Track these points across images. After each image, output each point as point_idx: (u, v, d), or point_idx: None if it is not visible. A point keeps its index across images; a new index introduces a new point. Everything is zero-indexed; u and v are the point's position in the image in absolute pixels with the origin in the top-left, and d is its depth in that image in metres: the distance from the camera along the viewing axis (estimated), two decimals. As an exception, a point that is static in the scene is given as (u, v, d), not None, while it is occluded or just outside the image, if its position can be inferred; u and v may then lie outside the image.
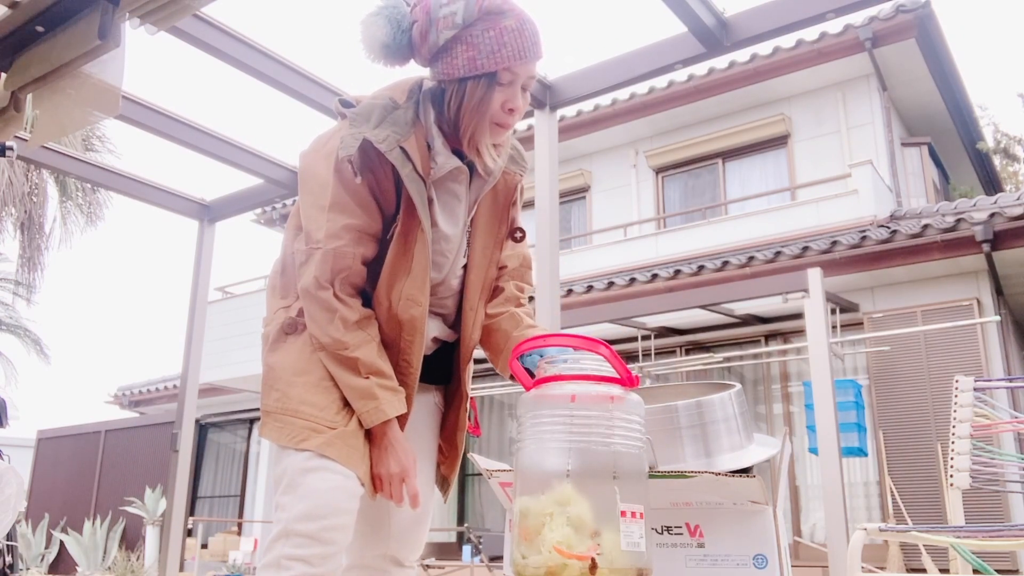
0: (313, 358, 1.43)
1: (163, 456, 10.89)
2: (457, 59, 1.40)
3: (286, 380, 1.43)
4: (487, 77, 1.40)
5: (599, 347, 1.27)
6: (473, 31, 1.39)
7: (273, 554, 1.34)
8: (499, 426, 9.73)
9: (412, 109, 1.47)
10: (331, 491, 1.34)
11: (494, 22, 1.39)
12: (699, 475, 1.37)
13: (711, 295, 6.21)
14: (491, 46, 1.38)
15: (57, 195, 14.41)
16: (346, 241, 1.42)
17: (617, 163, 10.49)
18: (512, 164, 1.61)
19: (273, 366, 1.47)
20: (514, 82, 1.43)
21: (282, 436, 1.39)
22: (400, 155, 1.40)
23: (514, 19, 1.40)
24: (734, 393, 1.63)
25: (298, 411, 1.39)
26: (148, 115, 3.25)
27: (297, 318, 1.47)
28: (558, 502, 1.18)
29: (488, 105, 1.41)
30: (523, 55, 1.40)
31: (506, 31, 1.39)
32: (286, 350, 1.46)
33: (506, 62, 1.39)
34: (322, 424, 1.37)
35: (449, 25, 1.40)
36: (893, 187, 8.65)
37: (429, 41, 1.42)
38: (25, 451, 13.93)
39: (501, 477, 1.62)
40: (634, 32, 54.49)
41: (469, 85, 1.41)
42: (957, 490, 2.43)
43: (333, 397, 1.40)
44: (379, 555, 1.55)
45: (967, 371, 5.42)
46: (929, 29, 8.37)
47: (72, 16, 2.07)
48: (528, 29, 1.41)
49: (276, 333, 1.49)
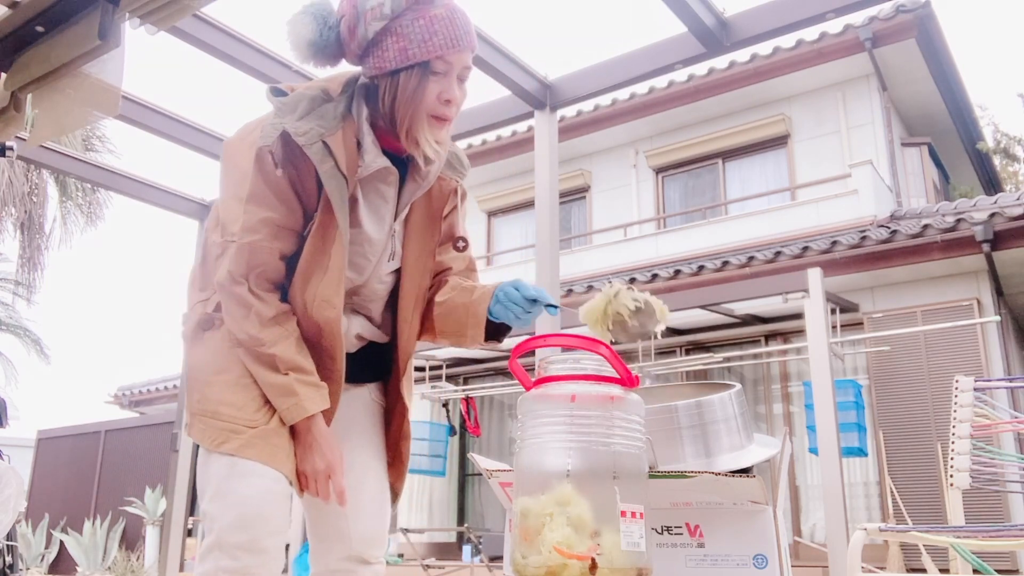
0: (231, 355, 1.40)
1: (163, 456, 10.88)
2: (388, 51, 1.36)
3: (204, 380, 1.40)
4: (420, 67, 1.36)
5: (599, 347, 1.27)
6: (402, 21, 1.35)
7: (208, 566, 1.31)
8: (499, 426, 9.72)
9: (344, 103, 1.42)
10: (260, 497, 1.31)
11: (423, 11, 1.36)
12: (699, 475, 1.37)
13: (711, 295, 6.21)
14: (422, 35, 1.35)
15: (57, 195, 14.42)
16: (263, 235, 1.38)
17: (617, 163, 10.49)
18: (449, 169, 1.55)
19: (192, 365, 1.44)
20: (449, 72, 1.38)
21: (204, 438, 1.37)
22: (321, 150, 1.36)
23: (444, 8, 1.37)
24: (734, 393, 1.63)
25: (217, 412, 1.36)
26: (148, 115, 3.25)
27: (213, 313, 1.44)
28: (558, 502, 1.18)
29: (423, 95, 1.37)
30: (455, 43, 1.36)
31: (436, 19, 1.36)
32: (203, 348, 1.43)
33: (438, 50, 1.35)
34: (241, 424, 1.34)
35: (377, 16, 1.36)
36: (893, 187, 8.64)
37: (358, 35, 1.38)
38: (25, 451, 13.92)
39: (501, 477, 1.62)
40: (634, 32, 54.47)
41: (402, 76, 1.36)
42: (957, 490, 2.43)
43: (252, 395, 1.37)
44: (344, 557, 1.51)
45: (967, 371, 5.41)
46: (929, 29, 8.37)
47: (72, 16, 2.07)
48: (459, 18, 1.38)
49: (193, 330, 1.46)
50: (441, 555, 8.74)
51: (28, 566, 10.84)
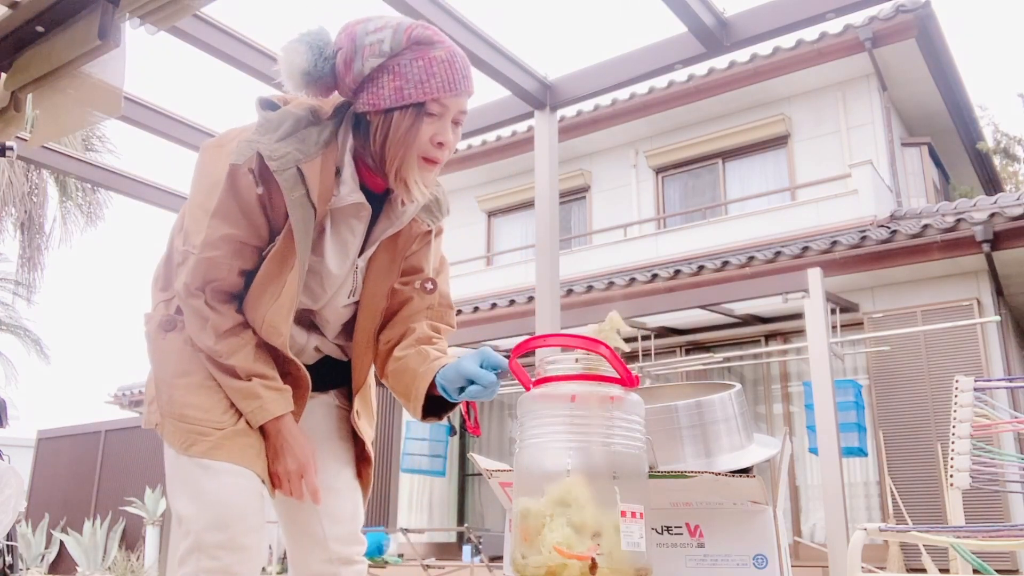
0: (194, 357, 1.40)
1: (163, 456, 10.87)
2: (383, 89, 1.33)
3: (168, 382, 1.40)
4: (415, 107, 1.33)
5: (599, 347, 1.27)
6: (401, 60, 1.33)
7: (188, 568, 1.31)
8: (499, 426, 9.72)
9: (331, 128, 1.39)
10: (234, 496, 1.32)
11: (423, 52, 1.33)
12: (699, 475, 1.37)
13: (711, 295, 6.22)
14: (419, 76, 1.32)
15: (57, 195, 14.43)
16: (223, 252, 1.36)
17: (617, 163, 10.49)
18: (425, 213, 1.51)
19: (156, 366, 1.44)
20: (444, 115, 1.35)
21: (174, 440, 1.37)
22: (293, 176, 1.32)
23: (444, 51, 1.35)
24: (734, 393, 1.63)
25: (183, 415, 1.37)
26: (148, 115, 3.25)
27: (175, 315, 1.43)
28: (558, 502, 1.18)
29: (415, 137, 1.34)
30: (453, 86, 1.34)
31: (435, 61, 1.33)
32: (166, 349, 1.43)
33: (435, 92, 1.32)
34: (208, 426, 1.35)
35: (375, 53, 1.33)
36: (893, 187, 8.65)
37: (354, 70, 1.34)
38: (25, 451, 13.92)
39: (501, 477, 1.62)
40: (634, 32, 54.48)
41: (396, 116, 1.33)
42: (957, 490, 2.43)
43: (218, 397, 1.38)
44: (324, 560, 1.51)
45: (967, 371, 5.41)
46: (929, 29, 8.37)
47: (72, 16, 2.07)
48: (459, 62, 1.36)
49: (155, 331, 1.45)
50: (441, 555, 8.74)
51: (28, 566, 10.84)
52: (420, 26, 1.36)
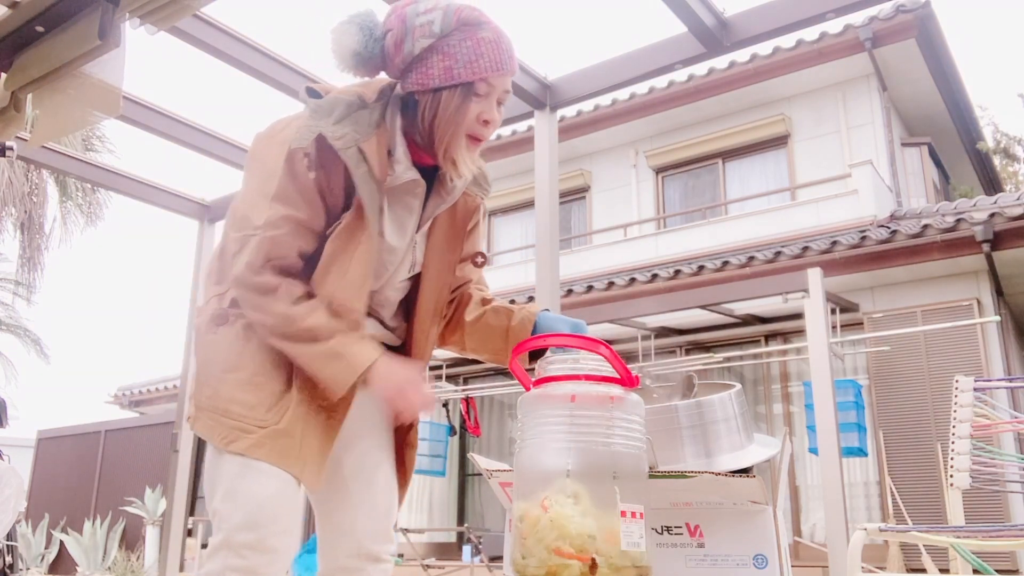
0: (245, 352, 1.39)
1: (163, 456, 10.88)
2: (432, 68, 1.38)
3: (217, 376, 1.39)
4: (463, 87, 1.38)
5: (599, 347, 1.27)
6: (450, 41, 1.37)
7: (215, 564, 1.31)
8: (499, 426, 9.72)
9: (379, 111, 1.42)
10: (269, 498, 1.32)
11: (471, 33, 1.38)
12: (699, 475, 1.37)
13: (711, 295, 6.21)
14: (468, 56, 1.37)
15: (57, 195, 14.42)
16: (285, 231, 1.36)
17: (617, 163, 10.49)
18: (474, 186, 1.57)
19: (204, 360, 1.43)
20: (490, 94, 1.40)
21: (213, 435, 1.37)
22: (356, 155, 1.36)
23: (491, 31, 1.40)
24: (734, 393, 1.63)
25: (228, 410, 1.36)
26: (148, 115, 3.25)
27: (228, 309, 1.42)
28: (558, 502, 1.18)
29: (464, 115, 1.39)
30: (500, 66, 1.39)
31: (483, 42, 1.38)
32: (217, 343, 1.42)
33: (483, 72, 1.37)
34: (251, 423, 1.34)
35: (425, 34, 1.37)
36: (893, 187, 8.64)
37: (403, 50, 1.39)
38: (25, 451, 13.92)
39: (501, 477, 1.62)
40: (634, 32, 54.52)
41: (444, 95, 1.38)
42: (957, 490, 2.43)
43: (264, 394, 1.36)
44: (352, 554, 1.51)
45: (967, 371, 5.41)
46: (929, 29, 8.37)
47: (72, 16, 2.07)
48: (504, 43, 1.41)
49: (207, 324, 1.44)
50: (441, 555, 8.74)
51: (28, 566, 10.84)
52: (468, 8, 1.40)
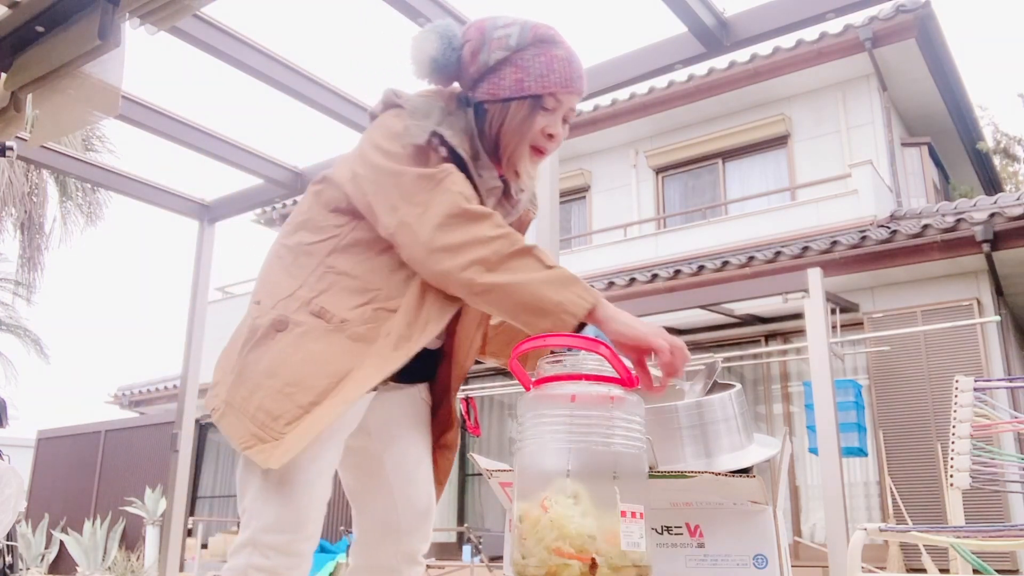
0: (288, 362, 1.38)
1: (163, 456, 10.88)
2: (504, 80, 1.43)
3: (255, 381, 1.39)
4: (532, 99, 1.43)
5: (599, 347, 1.27)
6: (524, 55, 1.43)
7: (240, 560, 1.33)
8: (499, 426, 9.72)
9: (464, 118, 1.46)
10: (300, 504, 1.34)
11: (545, 49, 1.44)
12: (699, 475, 1.37)
13: (711, 295, 6.21)
14: (540, 70, 1.42)
15: (57, 195, 14.42)
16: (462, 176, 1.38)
17: (617, 163, 10.49)
18: (529, 204, 1.62)
19: (250, 363, 1.42)
20: (557, 110, 1.45)
21: (234, 435, 1.37)
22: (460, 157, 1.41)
23: (564, 50, 1.46)
24: (734, 393, 1.63)
25: (254, 416, 1.36)
26: (148, 115, 3.25)
27: (291, 315, 1.41)
28: (558, 503, 1.18)
29: (530, 127, 1.44)
30: (570, 84, 1.44)
31: (556, 59, 1.44)
32: (267, 348, 1.41)
33: (553, 87, 1.43)
34: (269, 434, 1.34)
35: (502, 46, 1.43)
36: (893, 187, 8.65)
37: (479, 60, 1.45)
38: (25, 451, 13.93)
39: (501, 477, 1.62)
40: (634, 32, 54.51)
41: (513, 106, 1.43)
42: (957, 490, 2.44)
43: (290, 406, 1.35)
44: (393, 553, 1.53)
45: (967, 371, 5.41)
46: (929, 29, 8.37)
47: (72, 16, 2.07)
48: (576, 63, 1.46)
49: (266, 329, 1.42)
50: (441, 555, 8.74)
51: (28, 566, 10.84)
52: (545, 26, 1.47)
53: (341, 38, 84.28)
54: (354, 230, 1.45)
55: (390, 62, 12.28)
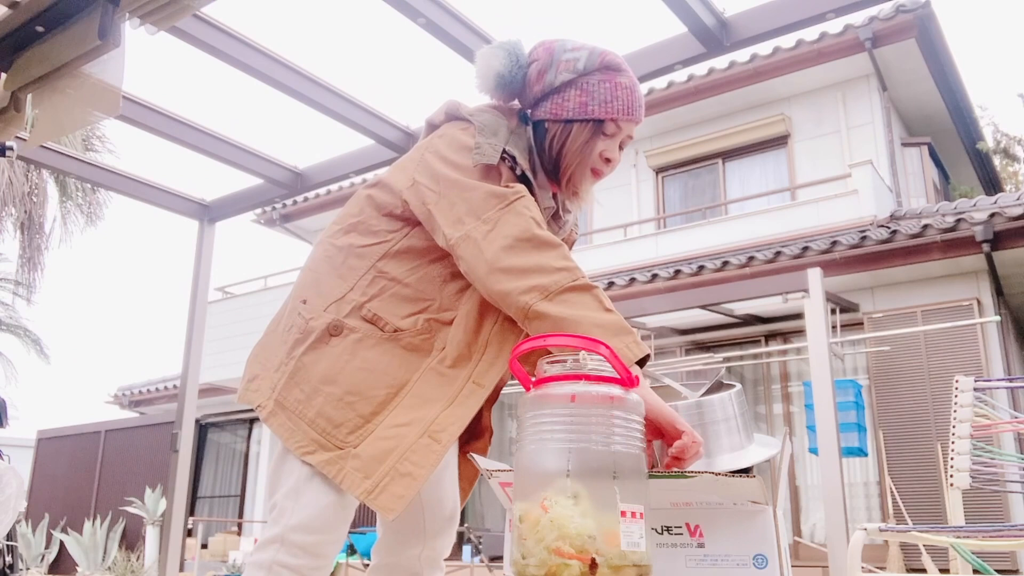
0: (347, 368, 1.37)
1: (163, 456, 10.89)
2: (569, 101, 1.45)
3: (313, 386, 1.38)
4: (595, 123, 1.45)
5: (599, 347, 1.27)
6: (590, 79, 1.45)
7: (266, 555, 1.33)
8: (499, 426, 9.73)
9: (525, 137, 1.48)
10: (331, 506, 1.34)
11: (611, 76, 1.46)
12: (699, 475, 1.37)
13: (711, 295, 6.21)
14: (605, 96, 1.45)
15: (57, 195, 14.43)
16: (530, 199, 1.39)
17: (617, 163, 10.48)
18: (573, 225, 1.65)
19: (306, 365, 1.40)
20: (616, 136, 1.48)
21: (290, 438, 1.36)
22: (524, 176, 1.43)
23: (628, 79, 1.48)
24: (734, 393, 1.63)
25: (314, 421, 1.35)
26: (148, 115, 3.25)
27: (345, 319, 1.40)
28: (558, 503, 1.18)
29: (591, 149, 1.46)
30: (632, 112, 1.47)
31: (620, 87, 1.46)
32: (323, 353, 1.40)
33: (615, 113, 1.45)
34: (331, 442, 1.34)
35: (569, 69, 1.45)
36: (893, 187, 8.65)
37: (545, 80, 1.46)
38: (25, 451, 13.93)
39: (501, 477, 1.62)
40: (634, 32, 54.54)
41: (576, 128, 1.45)
42: (957, 490, 2.44)
43: (351, 415, 1.35)
44: (415, 555, 1.54)
45: (967, 371, 5.41)
46: (929, 29, 8.37)
47: (72, 16, 2.07)
48: (638, 92, 1.49)
49: (321, 332, 1.41)
50: (441, 555, 8.73)
51: (28, 566, 10.84)
52: (613, 54, 1.49)
53: (341, 38, 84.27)
54: (407, 236, 1.45)
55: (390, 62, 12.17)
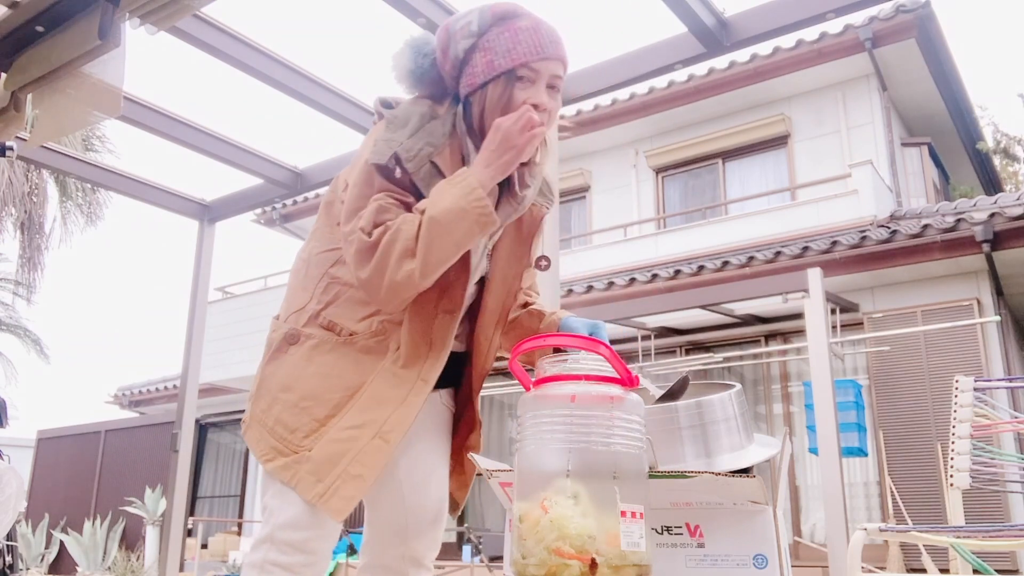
0: (302, 375, 1.41)
1: (163, 456, 10.88)
2: (477, 67, 1.41)
3: (272, 395, 1.43)
4: (506, 75, 1.39)
5: (599, 347, 1.27)
6: (489, 36, 1.40)
7: (258, 555, 1.36)
8: (499, 426, 9.72)
9: (450, 120, 1.44)
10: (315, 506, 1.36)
11: (508, 24, 1.41)
12: (699, 475, 1.37)
13: (711, 295, 6.21)
14: (506, 45, 1.39)
15: (57, 195, 14.43)
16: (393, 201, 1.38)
17: (617, 163, 10.48)
18: (539, 196, 1.58)
19: (267, 376, 1.46)
20: (536, 80, 1.41)
21: (256, 447, 1.41)
22: (428, 171, 1.38)
23: (528, 20, 1.42)
24: (734, 393, 1.63)
25: (272, 429, 1.40)
26: (148, 115, 3.25)
27: (303, 328, 1.45)
28: (558, 503, 1.18)
29: (509, 104, 1.39)
30: (540, 50, 1.39)
31: (521, 30, 1.40)
32: (281, 362, 1.45)
33: (522, 57, 1.38)
34: (288, 447, 1.37)
35: (466, 34, 1.41)
36: (893, 187, 8.65)
37: (451, 56, 1.43)
38: (25, 451, 13.93)
39: (501, 477, 1.62)
40: (634, 32, 54.53)
41: (490, 87, 1.40)
42: (957, 490, 2.44)
43: (306, 419, 1.38)
44: (399, 555, 1.54)
45: (967, 371, 5.41)
46: (929, 29, 8.37)
47: (72, 16, 2.07)
48: (544, 29, 1.42)
49: (279, 342, 1.47)
50: (441, 555, 8.72)
51: (28, 566, 10.84)
52: (503, 3, 1.44)
53: (341, 38, 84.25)
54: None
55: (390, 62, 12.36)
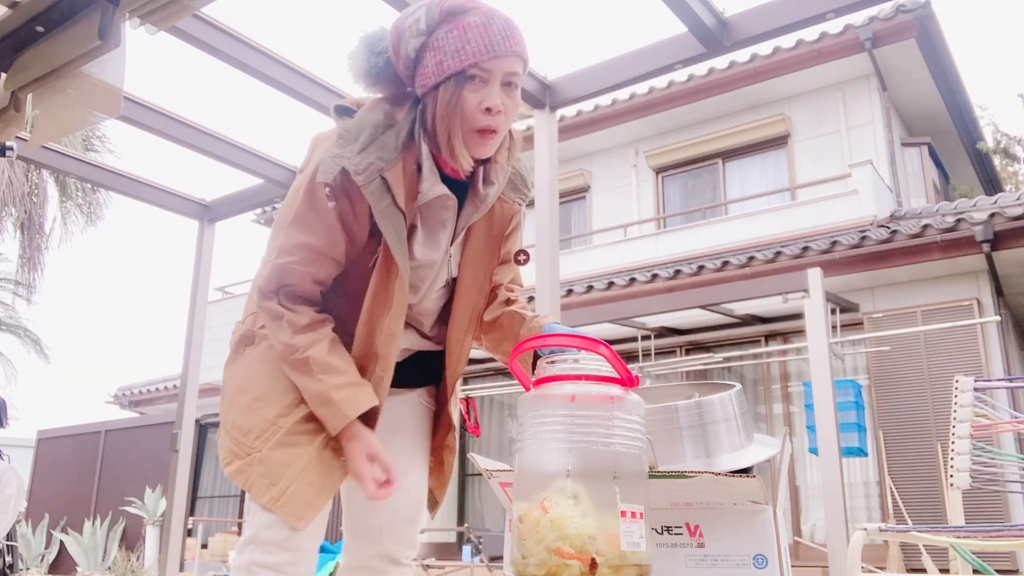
0: (255, 376, 1.41)
1: (163, 456, 10.88)
2: (428, 67, 1.33)
3: (230, 397, 1.43)
4: (455, 77, 1.31)
5: (599, 347, 1.27)
6: (438, 35, 1.32)
7: (244, 558, 1.36)
8: (499, 426, 9.72)
9: (407, 128, 1.38)
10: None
11: (457, 21, 1.32)
12: (699, 475, 1.37)
13: (711, 295, 6.21)
14: (455, 44, 1.30)
15: (57, 195, 14.42)
16: (297, 259, 1.36)
17: (617, 163, 10.48)
18: (512, 191, 1.51)
19: (226, 379, 1.47)
20: (489, 80, 1.32)
21: (220, 451, 1.42)
22: (379, 187, 1.32)
23: (479, 15, 1.32)
24: (734, 393, 1.63)
25: (230, 432, 1.40)
26: (148, 115, 3.25)
27: (256, 329, 1.45)
28: (558, 503, 1.18)
29: (460, 106, 1.32)
30: (490, 49, 1.30)
31: (470, 27, 1.31)
32: (238, 364, 1.46)
33: (472, 58, 1.30)
34: (243, 450, 1.37)
35: (415, 33, 1.34)
36: (893, 187, 8.64)
37: (402, 56, 1.36)
38: (25, 451, 13.93)
39: (501, 477, 1.62)
40: (634, 32, 54.49)
41: (441, 89, 1.32)
42: (957, 490, 2.43)
43: (258, 420, 1.37)
44: (374, 555, 1.53)
45: (967, 371, 5.41)
46: (929, 29, 8.37)
47: (72, 16, 2.07)
48: (496, 24, 1.32)
49: (236, 344, 1.48)
50: (441, 555, 8.74)
51: (28, 566, 10.83)
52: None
53: (341, 38, 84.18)
54: None
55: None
